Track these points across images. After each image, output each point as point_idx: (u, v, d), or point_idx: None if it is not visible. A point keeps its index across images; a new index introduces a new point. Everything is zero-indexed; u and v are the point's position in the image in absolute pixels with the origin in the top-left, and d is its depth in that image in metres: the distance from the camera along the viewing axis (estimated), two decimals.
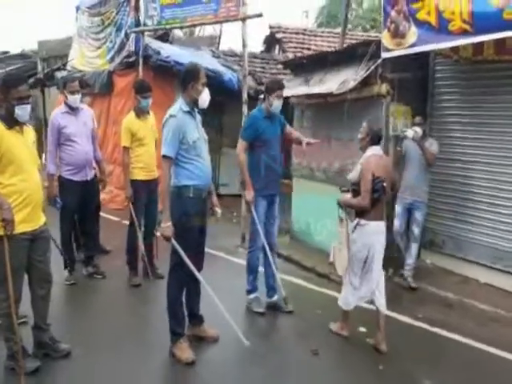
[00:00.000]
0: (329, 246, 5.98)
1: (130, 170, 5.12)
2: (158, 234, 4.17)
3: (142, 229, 5.33)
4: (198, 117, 3.74)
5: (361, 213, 3.90)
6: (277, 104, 4.41)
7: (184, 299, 3.83)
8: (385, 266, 5.56)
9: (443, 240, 5.76)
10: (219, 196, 5.12)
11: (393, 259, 5.72)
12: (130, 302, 4.93)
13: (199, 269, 3.72)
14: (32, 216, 3.33)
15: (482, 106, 5.43)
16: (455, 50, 5.26)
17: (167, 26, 7.95)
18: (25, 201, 3.26)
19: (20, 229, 3.21)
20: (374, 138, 4.00)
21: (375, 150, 3.98)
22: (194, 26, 9.00)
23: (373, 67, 5.40)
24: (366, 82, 5.58)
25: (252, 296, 4.63)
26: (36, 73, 13.52)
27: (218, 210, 3.93)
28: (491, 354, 4.01)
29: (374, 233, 3.91)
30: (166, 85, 8.49)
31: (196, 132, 3.62)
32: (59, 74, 10.82)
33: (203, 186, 3.67)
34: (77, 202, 5.10)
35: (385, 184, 3.87)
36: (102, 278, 5.37)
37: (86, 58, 10.21)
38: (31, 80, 13.40)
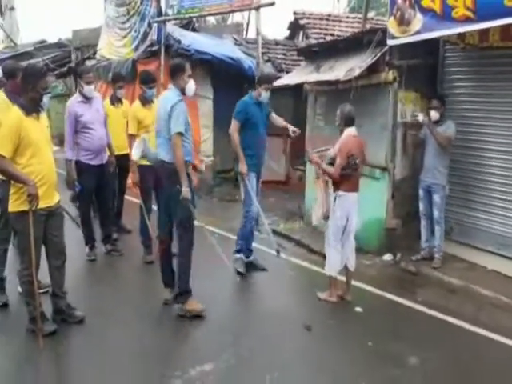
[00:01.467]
0: None
1: None
2: None
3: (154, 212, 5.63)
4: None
5: (338, 185, 4.48)
6: (264, 95, 5.13)
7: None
8: (392, 250, 5.79)
9: (451, 226, 5.79)
10: None
11: (401, 243, 5.86)
12: (141, 277, 5.33)
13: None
14: (48, 194, 3.69)
15: (492, 93, 5.38)
16: (462, 37, 5.25)
17: (186, 15, 8.15)
18: (42, 180, 3.61)
19: (38, 205, 3.54)
20: (348, 121, 4.52)
21: (350, 132, 4.52)
22: (211, 15, 9.17)
23: (379, 54, 5.46)
24: (373, 69, 5.65)
25: (238, 256, 5.32)
26: (70, 61, 14.05)
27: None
28: (486, 338, 4.09)
29: (351, 202, 4.53)
30: None
31: (187, 116, 4.25)
32: (89, 63, 11.20)
33: (190, 162, 4.31)
34: (95, 184, 5.46)
35: (357, 161, 4.46)
36: (119, 255, 5.74)
37: (114, 47, 10.54)
38: (65, 68, 14.03)
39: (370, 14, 12.52)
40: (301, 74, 6.76)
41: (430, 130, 5.36)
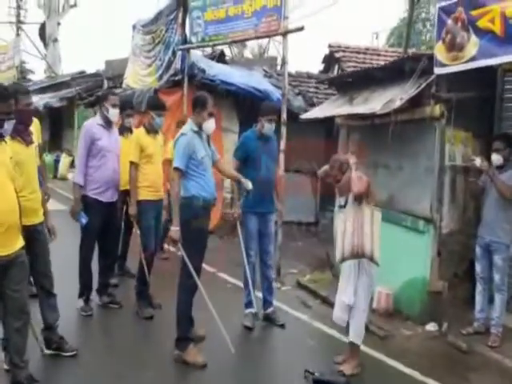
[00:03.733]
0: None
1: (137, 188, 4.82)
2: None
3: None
4: (205, 136, 4.11)
5: None
6: (268, 127, 4.72)
7: None
8: (437, 319, 4.81)
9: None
10: None
11: (448, 311, 4.86)
12: (141, 338, 4.47)
13: (198, 275, 3.98)
14: (5, 240, 3.01)
15: None
16: None
17: (210, 43, 7.67)
18: None
19: None
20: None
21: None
22: (235, 42, 8.68)
23: (424, 85, 4.65)
24: (417, 102, 4.85)
25: (247, 311, 4.77)
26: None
27: None
28: None
29: None
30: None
31: (203, 150, 4.00)
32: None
33: (210, 198, 4.02)
34: (101, 224, 4.76)
35: None
36: (118, 307, 4.95)
37: (139, 76, 10.18)
38: (92, 98, 13.86)
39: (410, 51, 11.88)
40: (332, 107, 6.01)
41: (491, 178, 4.45)
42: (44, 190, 4.31)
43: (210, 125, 4.03)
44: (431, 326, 4.83)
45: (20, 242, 3.17)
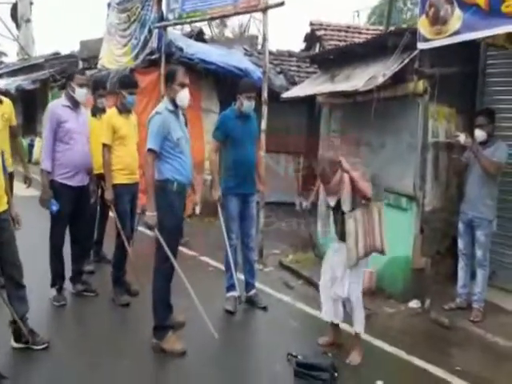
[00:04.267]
0: None
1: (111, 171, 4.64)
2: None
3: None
4: (182, 117, 3.92)
5: None
6: (247, 104, 4.55)
7: None
8: (420, 296, 4.80)
9: (494, 270, 4.77)
10: None
11: (430, 288, 4.86)
12: (118, 326, 4.33)
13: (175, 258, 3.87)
14: None
15: None
16: (511, 38, 4.30)
17: (188, 20, 7.39)
18: None
19: None
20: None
21: None
22: (214, 19, 8.42)
23: (407, 60, 4.55)
24: (399, 79, 4.74)
25: (228, 294, 4.70)
26: None
27: (197, 208, 4.56)
28: None
29: None
30: (191, 83, 7.89)
31: (179, 130, 3.81)
32: (89, 73, 10.52)
33: (185, 182, 3.86)
34: (71, 209, 4.55)
35: None
36: (94, 295, 4.80)
37: (114, 56, 9.82)
38: (64, 80, 13.43)
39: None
40: (313, 85, 5.88)
41: (475, 154, 4.40)
42: (26, 174, 4.14)
43: (182, 95, 3.74)
44: (414, 303, 4.82)
45: (3, 204, 3.08)
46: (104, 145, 4.62)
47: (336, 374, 3.44)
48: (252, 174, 4.72)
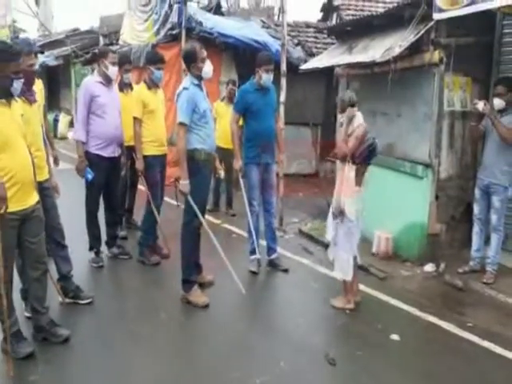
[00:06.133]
0: (373, 234, 5.39)
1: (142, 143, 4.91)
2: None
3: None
4: (205, 89, 4.18)
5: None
6: (266, 77, 4.69)
7: None
8: (435, 260, 5.01)
9: (507, 234, 4.94)
10: None
11: (445, 252, 5.08)
12: (152, 284, 4.66)
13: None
14: (21, 195, 3.13)
15: None
16: None
17: None
18: (13, 179, 3.05)
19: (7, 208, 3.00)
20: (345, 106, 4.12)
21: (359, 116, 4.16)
22: None
23: (423, 31, 4.64)
24: (416, 49, 4.85)
25: (252, 257, 4.98)
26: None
27: (222, 172, 4.63)
28: None
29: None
30: (210, 57, 8.05)
31: (205, 102, 4.07)
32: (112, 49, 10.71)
33: (211, 149, 4.14)
34: (104, 179, 4.86)
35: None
36: (128, 258, 5.15)
37: (135, 32, 9.99)
38: (89, 55, 13.63)
39: None
40: (331, 56, 5.99)
41: (493, 121, 4.51)
42: (53, 154, 4.43)
43: (207, 69, 4.00)
44: (429, 267, 5.03)
45: (35, 197, 3.28)
46: (135, 118, 4.87)
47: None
48: (272, 144, 4.91)
